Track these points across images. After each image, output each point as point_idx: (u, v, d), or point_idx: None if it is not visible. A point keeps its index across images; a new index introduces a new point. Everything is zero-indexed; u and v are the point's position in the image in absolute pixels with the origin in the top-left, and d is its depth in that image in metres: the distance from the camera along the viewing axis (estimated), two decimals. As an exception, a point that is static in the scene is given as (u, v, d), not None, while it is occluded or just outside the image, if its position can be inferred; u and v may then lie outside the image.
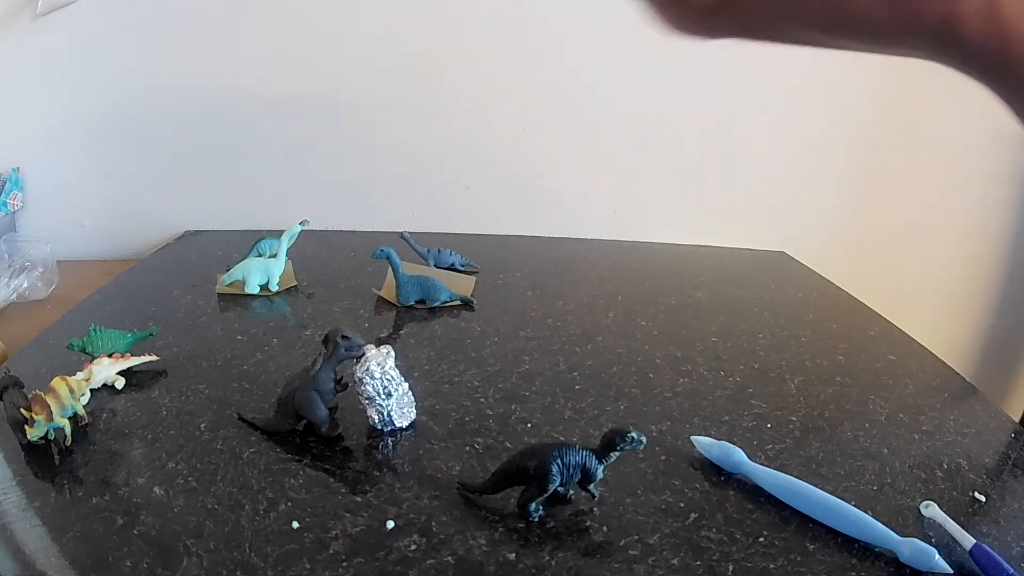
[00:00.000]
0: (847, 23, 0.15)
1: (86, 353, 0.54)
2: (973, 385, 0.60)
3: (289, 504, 0.40)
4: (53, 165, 0.96)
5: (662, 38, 0.17)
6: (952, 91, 0.97)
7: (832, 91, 0.96)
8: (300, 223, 0.73)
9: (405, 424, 0.47)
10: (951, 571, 0.35)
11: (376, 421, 0.47)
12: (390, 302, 0.70)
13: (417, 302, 0.69)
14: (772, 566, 0.35)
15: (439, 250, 0.81)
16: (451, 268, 0.81)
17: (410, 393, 0.48)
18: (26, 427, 0.44)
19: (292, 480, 0.42)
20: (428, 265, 0.80)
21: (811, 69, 0.95)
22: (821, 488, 0.39)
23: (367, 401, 0.47)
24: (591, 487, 0.39)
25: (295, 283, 0.75)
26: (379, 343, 0.47)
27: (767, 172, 1.01)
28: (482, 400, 0.51)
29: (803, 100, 0.97)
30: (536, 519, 0.38)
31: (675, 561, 0.35)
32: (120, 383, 0.52)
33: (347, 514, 0.39)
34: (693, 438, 0.45)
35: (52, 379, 0.47)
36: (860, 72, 0.95)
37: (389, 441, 0.46)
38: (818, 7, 0.15)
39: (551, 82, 0.96)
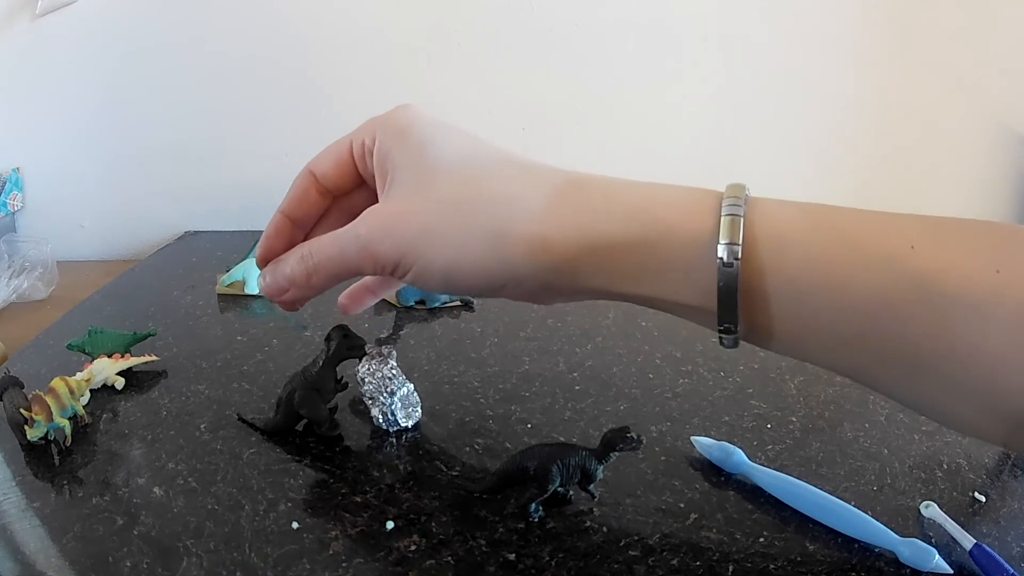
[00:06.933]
0: None
1: (86, 353, 0.54)
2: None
3: (289, 504, 0.40)
4: (53, 165, 0.96)
5: (662, 39, 0.17)
6: (952, 91, 0.98)
7: (832, 92, 0.96)
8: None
9: (410, 424, 0.47)
10: (951, 571, 0.34)
11: (380, 420, 0.47)
12: (390, 302, 0.70)
13: (417, 302, 0.69)
14: (772, 566, 0.35)
15: None
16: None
17: (416, 394, 0.48)
18: (26, 427, 0.44)
19: (292, 480, 0.42)
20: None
21: (810, 71, 0.96)
22: (821, 488, 0.39)
23: (370, 400, 0.47)
24: (591, 487, 0.39)
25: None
26: (379, 343, 0.47)
27: (768, 172, 1.01)
28: (482, 400, 0.51)
29: (803, 101, 0.97)
30: (536, 519, 0.38)
31: (675, 562, 0.35)
32: (120, 383, 0.52)
33: (347, 514, 0.39)
34: (693, 439, 0.45)
35: (52, 379, 0.47)
36: (860, 74, 0.95)
37: (389, 441, 0.46)
38: None
39: (551, 82, 0.96)
